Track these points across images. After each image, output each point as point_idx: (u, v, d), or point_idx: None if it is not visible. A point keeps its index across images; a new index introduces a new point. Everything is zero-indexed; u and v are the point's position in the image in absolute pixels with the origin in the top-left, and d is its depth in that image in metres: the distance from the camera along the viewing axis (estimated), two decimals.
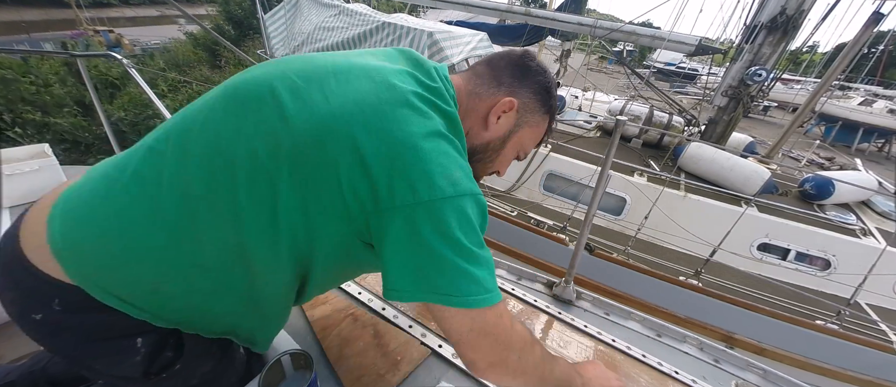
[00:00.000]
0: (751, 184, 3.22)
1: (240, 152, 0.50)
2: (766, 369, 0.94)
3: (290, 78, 0.54)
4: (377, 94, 0.52)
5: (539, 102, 0.68)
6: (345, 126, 0.49)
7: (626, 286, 3.00)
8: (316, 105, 0.51)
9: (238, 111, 0.53)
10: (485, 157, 0.69)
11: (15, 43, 14.94)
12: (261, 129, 0.51)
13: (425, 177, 0.48)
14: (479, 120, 0.65)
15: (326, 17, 4.92)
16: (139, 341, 0.55)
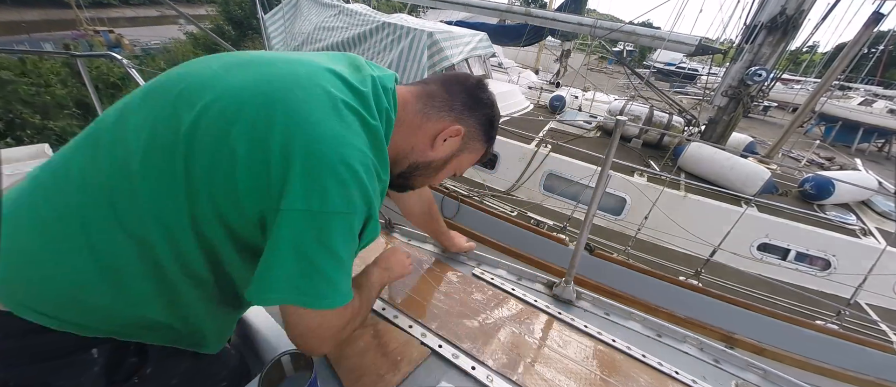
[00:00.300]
0: (751, 184, 3.22)
1: (141, 141, 0.50)
2: (766, 369, 0.94)
3: (210, 66, 0.54)
4: (295, 85, 0.51)
5: (483, 132, 0.73)
6: (249, 102, 0.49)
7: (626, 286, 3.00)
8: (223, 82, 0.51)
9: (149, 102, 0.53)
10: (425, 173, 0.73)
11: (15, 43, 14.94)
12: (163, 112, 0.50)
13: (321, 188, 0.48)
14: (425, 139, 0.68)
15: (326, 17, 4.92)
16: (94, 351, 0.54)
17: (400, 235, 1.36)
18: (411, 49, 4.16)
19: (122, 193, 0.49)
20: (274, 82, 0.51)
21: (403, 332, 0.93)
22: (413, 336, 0.92)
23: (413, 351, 0.88)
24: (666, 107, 5.10)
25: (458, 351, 0.90)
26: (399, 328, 0.94)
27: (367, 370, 0.82)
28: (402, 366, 0.84)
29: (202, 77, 0.53)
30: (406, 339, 0.91)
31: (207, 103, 0.50)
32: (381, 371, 0.82)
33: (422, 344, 0.90)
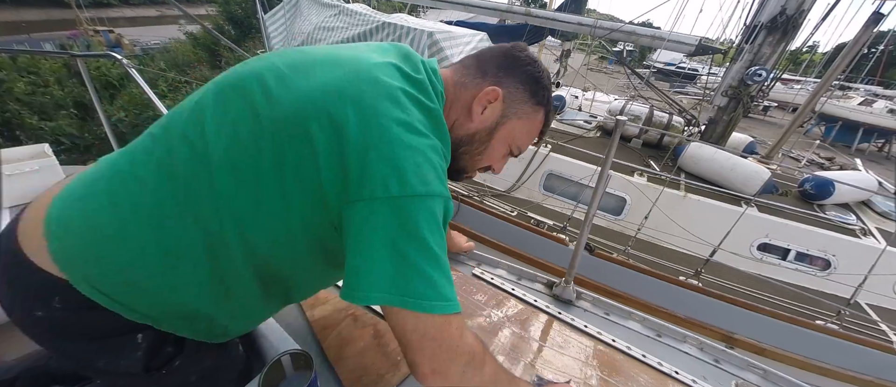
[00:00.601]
0: (751, 184, 3.22)
1: (226, 137, 0.51)
2: (766, 369, 0.94)
3: (277, 67, 0.55)
4: (360, 81, 0.52)
5: (527, 92, 0.66)
6: (323, 102, 0.50)
7: (626, 286, 3.00)
8: (299, 85, 0.52)
9: (225, 100, 0.54)
10: (471, 149, 0.67)
11: (15, 43, 14.95)
12: (243, 113, 0.52)
13: (397, 172, 0.47)
14: (463, 110, 0.64)
15: (326, 16, 4.92)
16: (139, 336, 0.56)
17: None
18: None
19: (199, 186, 0.51)
20: (342, 80, 0.52)
21: None
22: None
23: None
24: (666, 107, 5.10)
25: None
26: None
27: (367, 370, 0.82)
28: (402, 366, 0.84)
29: (275, 77, 0.54)
30: None
31: (286, 104, 0.51)
32: (381, 371, 0.82)
33: None
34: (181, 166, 0.52)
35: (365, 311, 0.99)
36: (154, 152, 0.54)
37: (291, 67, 0.55)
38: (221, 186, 0.51)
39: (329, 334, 0.90)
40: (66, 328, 0.53)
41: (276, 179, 0.50)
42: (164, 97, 8.13)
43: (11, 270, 0.52)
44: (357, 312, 0.98)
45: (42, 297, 0.51)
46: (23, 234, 0.53)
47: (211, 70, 10.84)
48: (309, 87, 0.52)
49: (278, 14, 5.60)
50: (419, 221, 0.48)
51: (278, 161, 0.50)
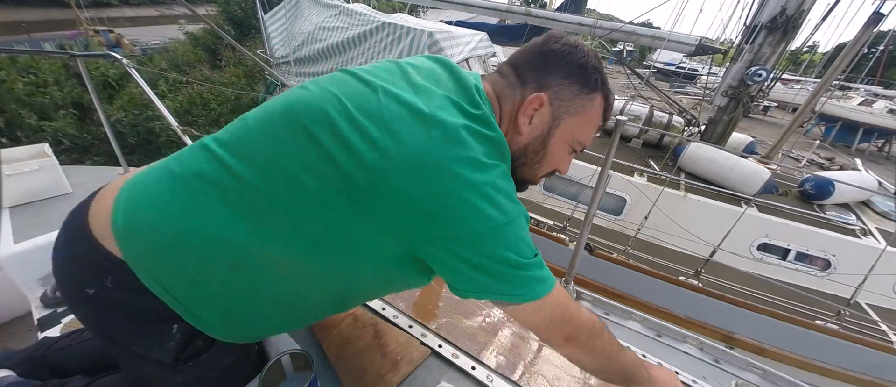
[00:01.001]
0: (751, 184, 3.23)
1: (301, 174, 0.52)
2: (766, 369, 0.94)
3: (345, 105, 0.55)
4: (432, 148, 0.52)
5: (576, 84, 0.61)
6: (405, 183, 0.50)
7: (626, 286, 3.00)
8: (375, 147, 0.52)
9: (296, 131, 0.54)
10: (527, 161, 0.65)
11: (15, 43, 14.95)
12: (323, 157, 0.52)
13: (478, 212, 0.50)
14: (511, 125, 0.62)
15: (326, 17, 4.92)
16: (175, 327, 0.58)
17: None
18: (411, 49, 4.16)
19: (285, 216, 0.53)
20: (422, 144, 0.52)
21: (403, 332, 0.93)
22: (413, 336, 0.92)
23: (413, 351, 0.88)
24: (666, 107, 5.11)
25: (458, 351, 0.90)
26: (399, 328, 0.94)
27: (367, 370, 0.82)
28: (402, 366, 0.84)
29: (353, 129, 0.54)
30: (406, 339, 0.91)
31: (378, 171, 0.52)
32: (381, 371, 0.82)
33: (422, 344, 0.90)
34: (261, 195, 0.53)
35: (365, 311, 0.99)
36: (226, 174, 0.55)
37: (359, 109, 0.54)
38: (302, 219, 0.53)
39: (329, 334, 0.90)
40: (112, 308, 0.56)
41: (356, 222, 0.53)
42: (163, 97, 8.13)
43: (77, 246, 0.56)
44: (357, 312, 0.98)
45: (97, 274, 0.55)
46: (93, 215, 0.57)
47: (211, 70, 10.84)
48: (389, 162, 0.51)
49: (278, 14, 5.61)
50: (503, 246, 0.52)
51: (358, 210, 0.52)
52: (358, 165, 0.51)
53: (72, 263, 0.57)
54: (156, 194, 0.55)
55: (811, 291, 2.93)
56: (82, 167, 1.87)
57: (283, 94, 0.61)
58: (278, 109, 0.57)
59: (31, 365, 0.82)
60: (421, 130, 0.53)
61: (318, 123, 0.53)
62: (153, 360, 0.60)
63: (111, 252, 0.54)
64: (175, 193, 0.55)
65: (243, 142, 0.57)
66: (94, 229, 0.55)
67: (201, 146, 0.58)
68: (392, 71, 0.61)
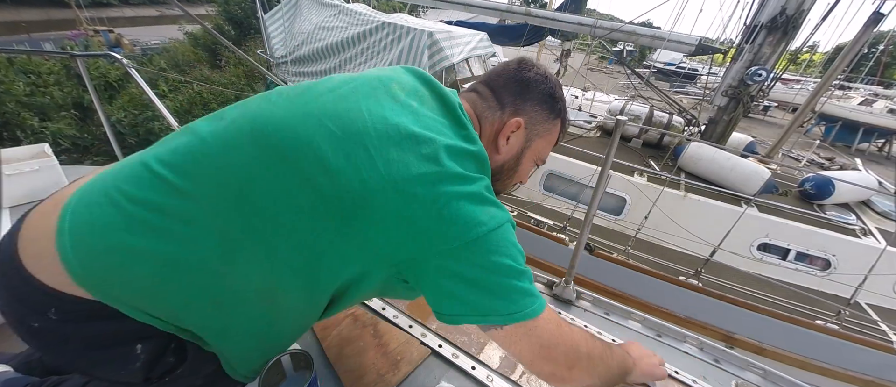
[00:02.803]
0: (751, 184, 3.23)
1: (281, 205, 0.49)
2: (766, 369, 0.94)
3: (328, 127, 0.52)
4: (421, 167, 0.52)
5: (546, 110, 0.68)
6: (395, 203, 0.50)
7: (626, 286, 3.00)
8: (362, 170, 0.50)
9: (273, 162, 0.50)
10: (501, 177, 0.70)
11: (15, 43, 14.95)
12: (304, 185, 0.50)
13: (470, 219, 0.51)
14: (489, 144, 0.66)
15: (326, 16, 4.92)
16: (138, 347, 0.54)
17: None
18: (411, 49, 4.16)
19: (263, 248, 0.51)
20: (411, 176, 0.52)
21: (403, 332, 0.93)
22: (413, 336, 0.92)
23: (413, 351, 0.88)
24: (666, 107, 5.11)
25: (458, 351, 0.90)
26: (399, 328, 0.94)
27: (367, 370, 0.82)
28: (402, 366, 0.84)
29: (332, 150, 0.52)
30: (406, 339, 0.91)
31: (352, 184, 0.51)
32: (381, 371, 0.82)
33: (422, 344, 0.90)
34: (236, 230, 0.50)
35: (365, 311, 0.99)
36: (193, 210, 0.50)
37: (342, 130, 0.52)
38: (282, 250, 0.51)
39: (329, 334, 0.90)
40: (63, 338, 0.52)
41: (342, 249, 0.52)
42: (163, 97, 8.12)
43: (8, 278, 0.51)
44: (357, 311, 0.98)
45: (37, 308, 0.50)
46: (24, 240, 0.51)
47: (211, 70, 10.84)
48: (373, 184, 0.50)
49: (278, 14, 5.61)
50: (492, 252, 0.52)
51: (344, 235, 0.51)
52: (344, 190, 0.49)
53: (6, 293, 0.51)
54: (111, 235, 0.49)
55: (811, 291, 2.93)
56: (82, 167, 1.87)
57: (242, 106, 0.57)
58: (244, 129, 0.53)
59: (27, 368, 0.82)
60: (409, 149, 0.52)
61: (296, 148, 0.50)
62: (123, 383, 0.58)
63: (48, 285, 0.48)
64: (136, 234, 0.49)
65: (201, 166, 0.51)
66: (27, 261, 0.49)
67: (144, 167, 0.52)
68: (374, 87, 0.60)
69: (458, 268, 0.51)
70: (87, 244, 0.49)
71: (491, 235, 0.52)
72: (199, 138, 0.53)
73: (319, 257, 0.52)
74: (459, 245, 0.50)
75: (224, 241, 0.49)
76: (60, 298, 0.49)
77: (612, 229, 3.48)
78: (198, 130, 0.54)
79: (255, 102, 0.57)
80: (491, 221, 0.52)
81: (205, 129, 0.54)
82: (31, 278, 0.49)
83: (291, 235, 0.50)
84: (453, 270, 0.51)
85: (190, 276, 0.50)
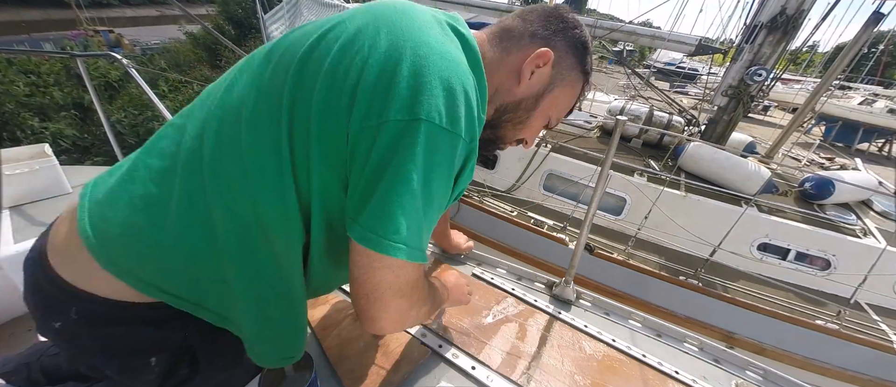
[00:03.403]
0: (751, 184, 3.23)
1: (247, 101, 0.49)
2: (766, 368, 0.94)
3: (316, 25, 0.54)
4: (403, 13, 0.50)
5: (576, 57, 0.61)
6: (367, 29, 0.47)
7: (626, 286, 3.01)
8: (337, 28, 0.50)
9: (257, 68, 0.52)
10: (515, 117, 0.62)
11: (15, 43, 14.95)
12: (275, 72, 0.49)
13: (427, 97, 0.43)
14: (510, 74, 0.59)
15: (326, 17, 4.92)
16: (153, 360, 0.55)
17: None
18: None
19: (232, 171, 0.49)
20: (380, 12, 0.50)
21: (403, 332, 0.93)
22: (413, 336, 0.92)
23: (413, 351, 0.88)
24: (666, 107, 5.10)
25: (458, 351, 0.90)
26: None
27: (366, 370, 0.82)
28: (402, 366, 0.84)
29: (305, 34, 0.52)
30: (406, 339, 0.91)
31: (314, 40, 0.49)
32: (381, 371, 0.82)
33: (422, 344, 0.90)
34: (210, 150, 0.50)
35: None
36: (182, 142, 0.53)
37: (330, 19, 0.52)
38: (247, 152, 0.49)
39: (329, 334, 0.90)
40: (83, 340, 0.53)
41: (300, 135, 0.47)
42: (164, 97, 8.12)
43: (36, 278, 0.54)
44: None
45: (60, 308, 0.52)
46: (51, 246, 0.54)
47: (211, 70, 10.84)
48: (341, 22, 0.50)
49: (278, 14, 5.60)
50: (436, 155, 0.45)
51: (301, 115, 0.47)
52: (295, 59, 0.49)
53: (32, 296, 0.55)
54: (117, 198, 0.52)
55: (811, 291, 2.93)
56: (82, 167, 1.87)
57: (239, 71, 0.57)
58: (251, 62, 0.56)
59: (26, 371, 0.81)
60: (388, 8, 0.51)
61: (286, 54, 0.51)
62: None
63: (70, 283, 0.51)
64: (137, 186, 0.52)
65: (201, 105, 0.56)
66: (53, 261, 0.52)
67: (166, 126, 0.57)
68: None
69: (378, 146, 0.44)
70: (104, 220, 0.52)
71: (442, 134, 0.45)
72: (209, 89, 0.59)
73: (279, 154, 0.48)
74: (410, 121, 0.44)
75: (199, 166, 0.50)
76: (79, 297, 0.51)
77: (612, 229, 3.48)
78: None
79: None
80: (449, 121, 0.46)
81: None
82: (55, 277, 0.51)
83: (255, 129, 0.49)
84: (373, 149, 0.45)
85: (172, 212, 0.50)
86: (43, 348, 0.85)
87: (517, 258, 3.28)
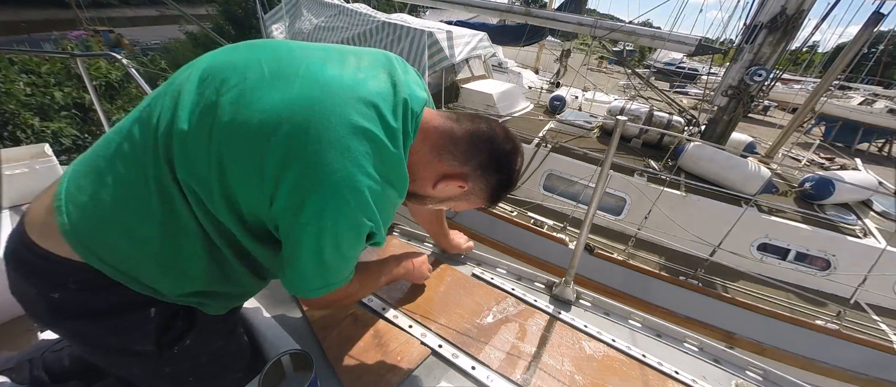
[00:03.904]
0: (751, 184, 3.22)
1: (191, 120, 0.54)
2: (766, 369, 0.94)
3: (262, 69, 0.56)
4: (326, 115, 0.53)
5: (488, 195, 0.72)
6: (290, 125, 0.52)
7: (626, 286, 3.01)
8: (270, 96, 0.54)
9: (202, 86, 0.56)
10: (419, 202, 0.75)
11: (15, 43, 14.95)
12: (210, 97, 0.54)
13: (333, 210, 0.54)
14: (430, 176, 0.68)
15: (327, 17, 4.92)
16: (152, 310, 0.60)
17: (399, 235, 1.36)
18: (411, 49, 4.16)
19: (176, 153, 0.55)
20: (307, 109, 0.54)
21: (403, 332, 0.93)
22: (413, 336, 0.92)
23: (413, 351, 0.88)
24: (666, 107, 5.10)
25: (458, 351, 0.90)
26: (399, 328, 0.94)
27: (367, 370, 0.82)
28: (402, 366, 0.84)
29: (250, 79, 0.56)
30: (406, 339, 0.91)
31: (249, 111, 0.53)
32: (381, 371, 0.82)
33: (422, 344, 0.90)
34: (152, 140, 0.55)
35: (365, 311, 0.99)
36: (140, 124, 0.57)
37: (272, 74, 0.56)
38: (187, 163, 0.54)
39: (329, 334, 0.90)
40: (82, 307, 0.57)
41: (220, 172, 0.54)
42: None
43: (27, 264, 0.57)
44: (357, 312, 0.98)
45: (56, 280, 0.56)
46: (31, 226, 0.57)
47: None
48: (273, 101, 0.54)
49: (278, 14, 5.61)
50: (344, 245, 0.59)
51: (225, 162, 0.53)
52: (232, 108, 0.54)
53: (27, 279, 0.57)
54: (87, 185, 0.56)
55: (811, 291, 2.93)
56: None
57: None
58: (202, 64, 0.61)
59: (28, 368, 0.82)
60: (322, 97, 0.55)
61: (227, 80, 0.57)
62: (137, 352, 0.61)
63: (63, 256, 0.55)
64: (98, 176, 0.56)
65: (156, 98, 0.59)
66: (39, 241, 0.55)
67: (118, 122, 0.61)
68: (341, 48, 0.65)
69: (315, 244, 0.58)
70: (77, 210, 0.55)
71: (348, 232, 0.58)
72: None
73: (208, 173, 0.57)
74: (321, 228, 0.57)
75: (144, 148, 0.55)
76: (76, 267, 0.55)
77: (612, 229, 3.48)
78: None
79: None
80: (350, 224, 0.58)
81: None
82: (48, 254, 0.55)
83: (188, 159, 0.55)
84: (310, 244, 0.58)
85: (113, 191, 0.54)
86: (46, 346, 0.87)
87: (517, 258, 3.28)
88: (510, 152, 0.69)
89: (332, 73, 0.58)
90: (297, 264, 0.59)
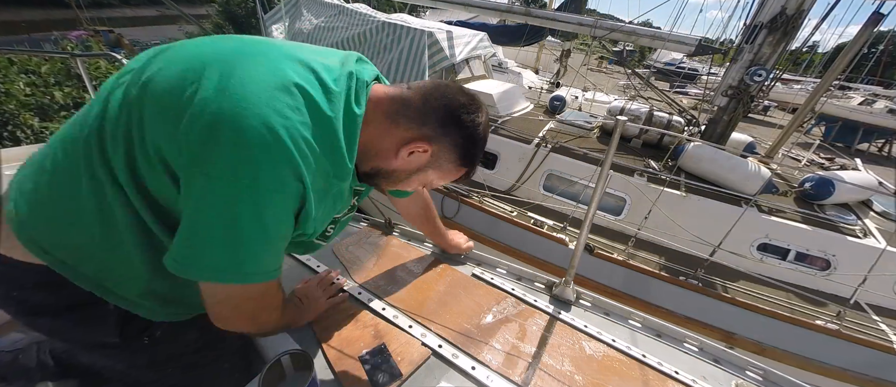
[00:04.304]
0: (751, 184, 3.22)
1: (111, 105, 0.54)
2: (766, 369, 0.94)
3: (197, 43, 0.56)
4: (250, 59, 0.52)
5: (457, 154, 0.67)
6: (199, 63, 0.51)
7: (626, 286, 3.01)
8: (189, 50, 0.54)
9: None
10: (387, 179, 0.70)
11: (15, 43, 14.94)
12: (142, 78, 0.53)
13: (248, 160, 0.46)
14: (390, 146, 0.64)
15: (327, 17, 4.92)
16: (111, 305, 0.60)
17: (399, 235, 1.36)
18: (411, 49, 4.16)
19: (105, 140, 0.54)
20: (235, 55, 0.52)
21: (403, 332, 0.93)
22: (413, 336, 0.92)
23: (413, 351, 0.88)
24: (666, 107, 5.10)
25: (458, 351, 0.90)
26: (399, 328, 0.94)
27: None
28: (402, 366, 0.84)
29: (187, 47, 0.56)
30: (406, 339, 0.91)
31: (163, 62, 0.53)
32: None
33: (422, 344, 0.90)
34: (87, 125, 0.55)
35: (365, 311, 0.99)
36: (81, 114, 0.58)
37: (205, 41, 0.56)
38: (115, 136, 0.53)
39: (329, 334, 0.90)
40: (43, 305, 0.58)
41: (128, 126, 0.52)
42: None
43: None
44: (357, 312, 0.98)
45: (17, 283, 0.57)
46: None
47: None
48: (190, 51, 0.53)
49: (278, 14, 5.60)
50: (266, 211, 0.50)
51: (137, 111, 0.51)
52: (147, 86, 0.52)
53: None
54: (33, 179, 0.58)
55: (811, 291, 2.93)
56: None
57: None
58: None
59: (36, 351, 0.84)
60: (246, 49, 0.54)
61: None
62: (105, 344, 0.62)
63: (19, 260, 0.56)
64: (43, 171, 0.57)
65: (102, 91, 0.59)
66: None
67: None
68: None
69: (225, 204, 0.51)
70: (23, 199, 0.57)
71: (269, 194, 0.51)
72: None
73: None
74: (233, 183, 0.50)
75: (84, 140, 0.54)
76: (33, 269, 0.56)
77: (612, 229, 3.48)
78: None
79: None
80: (273, 180, 0.50)
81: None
82: (3, 257, 0.56)
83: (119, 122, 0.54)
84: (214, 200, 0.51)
85: (65, 180, 0.55)
86: (42, 344, 0.87)
87: (517, 258, 3.28)
88: (467, 104, 0.64)
89: (278, 44, 0.57)
90: (198, 230, 0.48)
